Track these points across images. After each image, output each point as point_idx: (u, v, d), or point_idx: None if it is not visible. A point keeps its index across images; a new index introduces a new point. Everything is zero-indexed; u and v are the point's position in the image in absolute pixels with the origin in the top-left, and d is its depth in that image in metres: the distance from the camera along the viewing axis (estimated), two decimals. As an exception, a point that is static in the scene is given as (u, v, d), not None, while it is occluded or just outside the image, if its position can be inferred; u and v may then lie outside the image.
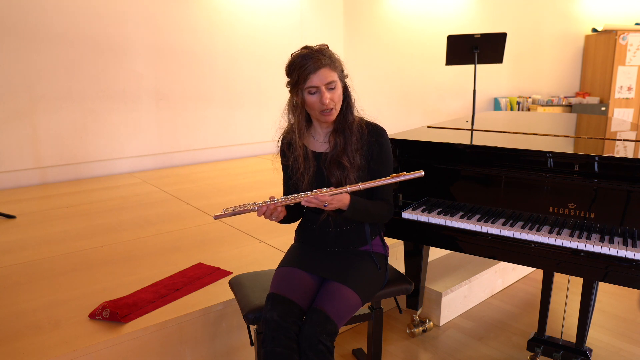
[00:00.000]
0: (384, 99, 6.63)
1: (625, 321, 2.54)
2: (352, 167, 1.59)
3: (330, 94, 1.54)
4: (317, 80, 1.51)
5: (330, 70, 1.53)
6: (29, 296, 2.08)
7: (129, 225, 3.08)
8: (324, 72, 1.51)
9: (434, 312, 2.53)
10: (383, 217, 1.67)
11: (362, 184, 1.50)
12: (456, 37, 4.60)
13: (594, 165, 1.71)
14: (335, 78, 1.55)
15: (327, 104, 1.53)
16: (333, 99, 1.55)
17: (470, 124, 2.68)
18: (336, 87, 1.55)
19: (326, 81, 1.52)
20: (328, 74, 1.52)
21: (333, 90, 1.54)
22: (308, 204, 1.47)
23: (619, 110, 7.43)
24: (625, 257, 1.55)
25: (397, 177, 1.50)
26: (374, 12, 6.47)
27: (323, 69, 1.51)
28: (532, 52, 7.54)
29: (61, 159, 4.43)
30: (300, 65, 1.51)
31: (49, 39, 4.22)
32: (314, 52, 1.53)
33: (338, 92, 1.56)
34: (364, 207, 1.57)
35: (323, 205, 1.47)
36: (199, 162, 5.32)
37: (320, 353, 1.41)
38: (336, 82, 1.55)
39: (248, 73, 5.54)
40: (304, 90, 1.54)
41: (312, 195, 1.46)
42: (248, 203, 1.53)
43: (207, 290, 2.11)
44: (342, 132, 1.62)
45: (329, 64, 1.52)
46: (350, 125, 1.62)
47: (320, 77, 1.51)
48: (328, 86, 1.53)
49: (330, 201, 1.47)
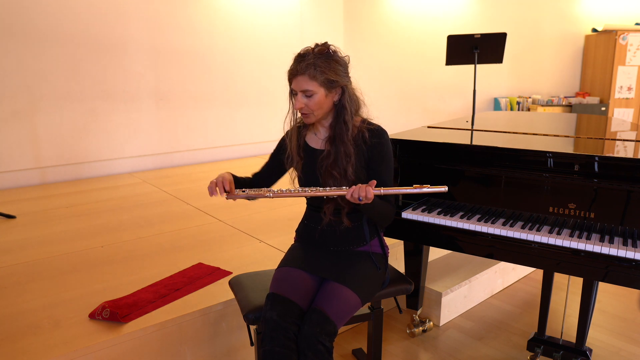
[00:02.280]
0: (384, 98, 6.63)
1: (625, 321, 2.54)
2: (344, 178, 1.60)
3: (306, 100, 1.55)
4: (294, 84, 1.55)
5: (308, 79, 1.52)
6: (29, 296, 2.08)
7: (129, 225, 3.08)
8: (300, 79, 1.53)
9: (434, 312, 2.53)
10: (388, 219, 1.67)
11: (384, 189, 1.47)
12: (456, 37, 4.60)
13: (594, 165, 1.71)
14: (312, 87, 1.53)
15: (298, 109, 1.57)
16: (308, 105, 1.56)
17: (470, 124, 2.68)
18: (313, 95, 1.54)
19: (300, 88, 1.54)
20: (303, 82, 1.53)
21: (310, 97, 1.55)
22: (351, 198, 1.46)
23: (619, 110, 7.43)
24: (625, 257, 1.55)
25: (420, 188, 1.45)
26: (374, 12, 6.47)
27: (299, 76, 1.53)
28: (532, 52, 7.55)
29: (61, 159, 4.43)
30: (290, 66, 1.56)
31: (49, 39, 4.21)
32: (300, 56, 1.55)
33: (316, 100, 1.55)
34: (378, 206, 1.57)
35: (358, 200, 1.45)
36: (199, 162, 5.32)
37: (319, 353, 1.41)
38: (312, 91, 1.53)
39: (248, 73, 5.55)
40: (290, 89, 1.59)
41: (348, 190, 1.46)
42: (264, 189, 1.53)
43: (207, 290, 2.11)
44: (334, 142, 1.62)
45: (306, 72, 1.51)
46: (340, 136, 1.60)
47: (297, 83, 1.54)
48: (304, 93, 1.54)
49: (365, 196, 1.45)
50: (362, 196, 1.44)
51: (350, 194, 1.46)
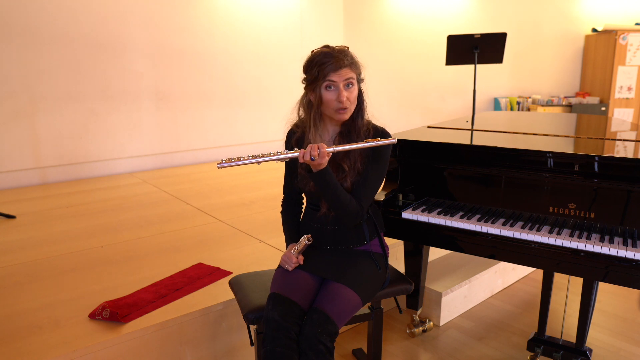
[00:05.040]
0: (384, 98, 6.63)
1: (625, 321, 2.54)
2: (352, 170, 1.61)
3: (347, 93, 1.55)
4: (336, 77, 1.53)
5: (350, 70, 1.55)
6: (29, 296, 2.08)
7: (129, 225, 3.08)
8: (344, 71, 1.54)
9: (434, 312, 2.53)
10: (347, 213, 1.59)
11: (337, 146, 1.49)
12: (456, 37, 4.60)
13: (594, 165, 1.71)
14: (355, 78, 1.57)
15: (344, 101, 1.55)
16: (349, 98, 1.56)
17: (470, 124, 2.68)
18: (353, 87, 1.57)
19: (345, 77, 1.54)
20: (348, 73, 1.55)
21: (350, 89, 1.56)
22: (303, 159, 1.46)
23: (619, 110, 7.43)
24: (625, 257, 1.55)
25: (370, 141, 1.51)
26: (374, 12, 6.47)
27: (344, 68, 1.54)
28: (532, 52, 7.54)
29: (61, 159, 4.43)
30: (322, 62, 1.53)
31: (50, 39, 4.22)
32: (336, 52, 1.55)
33: (354, 93, 1.58)
34: (334, 185, 1.54)
35: (310, 159, 1.45)
36: (200, 162, 5.32)
37: (320, 353, 1.41)
38: (354, 82, 1.57)
39: (248, 73, 5.55)
40: (322, 87, 1.55)
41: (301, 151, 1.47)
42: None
43: (207, 290, 2.11)
44: (348, 135, 1.62)
45: (349, 65, 1.55)
46: (357, 130, 1.63)
47: (340, 75, 1.53)
48: (346, 83, 1.55)
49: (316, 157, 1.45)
50: (314, 155, 1.44)
51: (302, 155, 1.46)
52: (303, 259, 1.64)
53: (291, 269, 1.62)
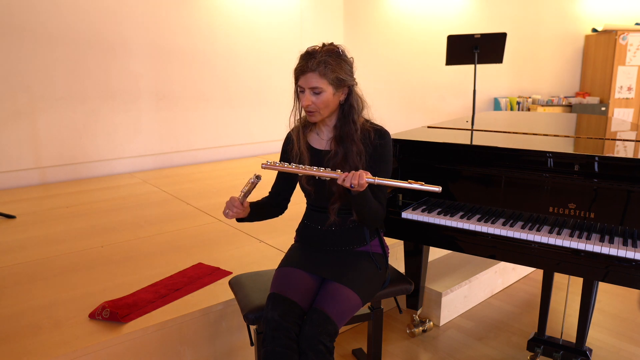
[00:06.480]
0: (383, 99, 6.63)
1: (625, 321, 2.54)
2: None
3: (314, 98, 1.55)
4: (303, 81, 1.55)
5: (318, 76, 1.52)
6: (29, 296, 2.08)
7: (129, 225, 3.08)
8: (310, 76, 1.53)
9: (434, 312, 2.53)
10: (378, 219, 1.62)
11: (378, 178, 1.44)
12: (456, 37, 4.61)
13: (594, 165, 1.71)
14: (322, 85, 1.53)
15: (305, 106, 1.57)
16: (316, 103, 1.55)
17: (470, 124, 2.68)
18: (322, 93, 1.54)
19: (309, 85, 1.54)
20: (312, 80, 1.52)
21: (318, 95, 1.55)
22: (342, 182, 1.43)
23: (619, 110, 7.43)
24: (625, 257, 1.55)
25: (414, 183, 1.42)
26: (374, 12, 6.47)
27: (309, 73, 1.53)
28: (532, 52, 7.55)
29: (61, 159, 4.43)
30: (297, 64, 1.56)
31: (49, 39, 4.21)
32: (309, 54, 1.55)
33: (323, 98, 1.55)
34: (370, 200, 1.55)
35: (350, 186, 1.42)
36: (199, 162, 5.32)
37: (320, 353, 1.41)
38: (321, 89, 1.54)
39: (248, 73, 5.55)
40: (297, 87, 1.59)
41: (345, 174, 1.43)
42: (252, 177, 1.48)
43: (207, 290, 2.11)
44: (342, 142, 1.61)
45: (317, 69, 1.52)
46: (349, 135, 1.60)
47: (306, 80, 1.54)
48: (312, 90, 1.54)
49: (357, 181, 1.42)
50: (355, 183, 1.41)
51: (342, 178, 1.43)
52: (249, 206, 1.59)
53: (231, 215, 1.56)
